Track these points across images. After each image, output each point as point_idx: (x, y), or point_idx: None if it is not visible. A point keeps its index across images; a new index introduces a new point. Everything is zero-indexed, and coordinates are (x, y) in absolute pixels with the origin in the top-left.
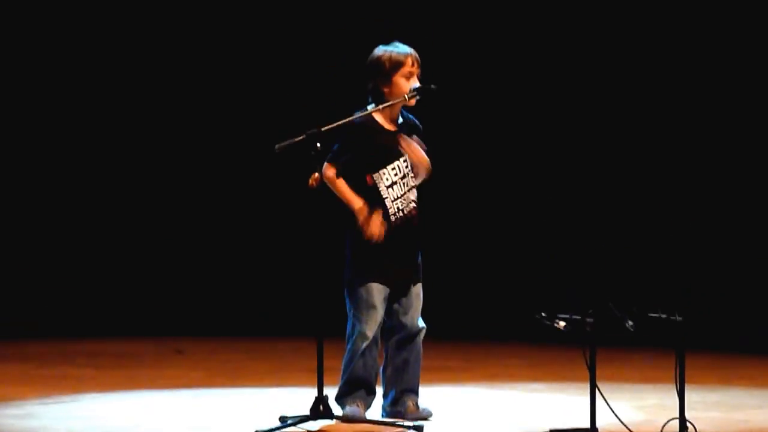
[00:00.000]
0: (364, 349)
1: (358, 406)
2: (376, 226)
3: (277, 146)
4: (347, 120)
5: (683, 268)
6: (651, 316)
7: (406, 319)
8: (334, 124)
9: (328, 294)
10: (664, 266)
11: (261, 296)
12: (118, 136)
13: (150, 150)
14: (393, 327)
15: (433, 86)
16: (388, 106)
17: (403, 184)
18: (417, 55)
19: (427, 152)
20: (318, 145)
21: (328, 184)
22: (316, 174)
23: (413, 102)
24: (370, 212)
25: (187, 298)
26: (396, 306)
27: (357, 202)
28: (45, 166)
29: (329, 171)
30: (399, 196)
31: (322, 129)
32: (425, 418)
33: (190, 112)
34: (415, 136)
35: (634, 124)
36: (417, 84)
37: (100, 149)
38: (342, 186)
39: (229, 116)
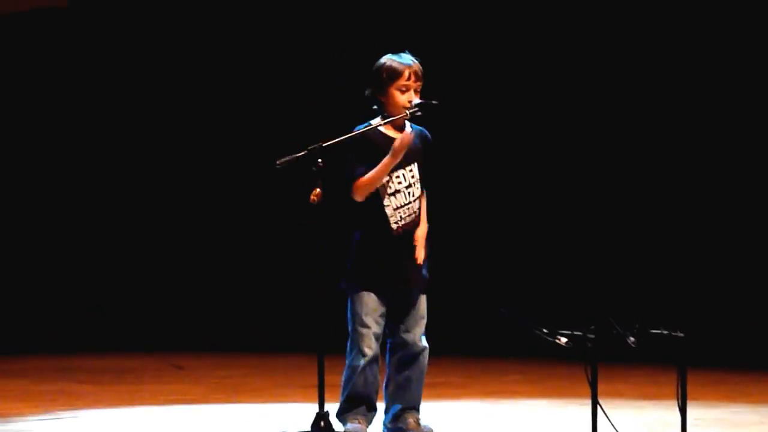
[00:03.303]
0: (364, 365)
1: (359, 422)
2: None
3: (278, 162)
4: (349, 135)
5: (685, 284)
6: (652, 332)
7: (408, 337)
8: (336, 140)
9: (329, 310)
10: (666, 282)
11: (261, 312)
12: (115, 150)
13: (149, 164)
14: (395, 344)
15: (434, 102)
16: (389, 121)
17: (408, 193)
18: (419, 69)
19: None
20: (320, 161)
21: (366, 193)
22: (318, 189)
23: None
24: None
25: (187, 314)
26: (397, 323)
27: (385, 159)
28: (43, 179)
29: (359, 182)
30: (402, 205)
31: (324, 144)
32: None
33: (190, 126)
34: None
35: (638, 139)
36: (415, 98)
37: (100, 162)
38: (370, 178)
39: (228, 131)
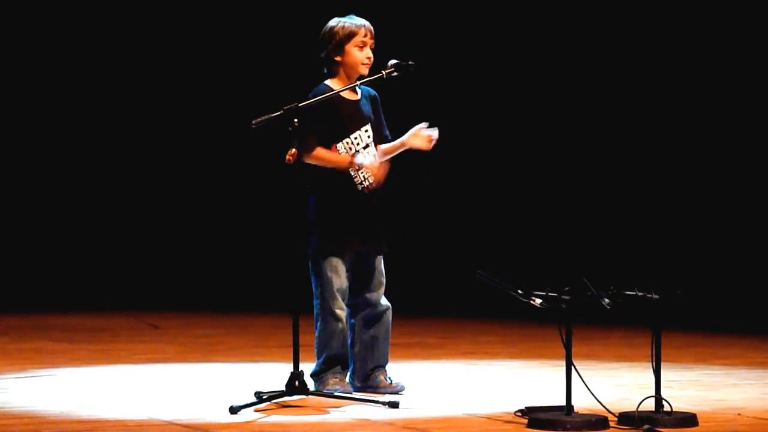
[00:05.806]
0: (340, 328)
1: (340, 381)
2: (378, 171)
3: (253, 122)
4: (324, 96)
5: (660, 246)
6: (627, 294)
7: (372, 297)
8: (313, 100)
9: (304, 270)
10: (641, 244)
11: (237, 272)
12: (94, 114)
13: (123, 124)
14: (357, 304)
15: (411, 62)
16: (365, 81)
17: (367, 152)
18: (371, 27)
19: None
20: (295, 120)
21: (318, 164)
22: (293, 149)
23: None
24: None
25: (162, 273)
26: (359, 284)
27: (345, 159)
28: (20, 145)
29: (315, 152)
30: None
31: (300, 105)
32: (398, 393)
33: (166, 89)
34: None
35: (609, 106)
36: (371, 54)
37: (76, 125)
38: (326, 156)
39: (204, 93)
